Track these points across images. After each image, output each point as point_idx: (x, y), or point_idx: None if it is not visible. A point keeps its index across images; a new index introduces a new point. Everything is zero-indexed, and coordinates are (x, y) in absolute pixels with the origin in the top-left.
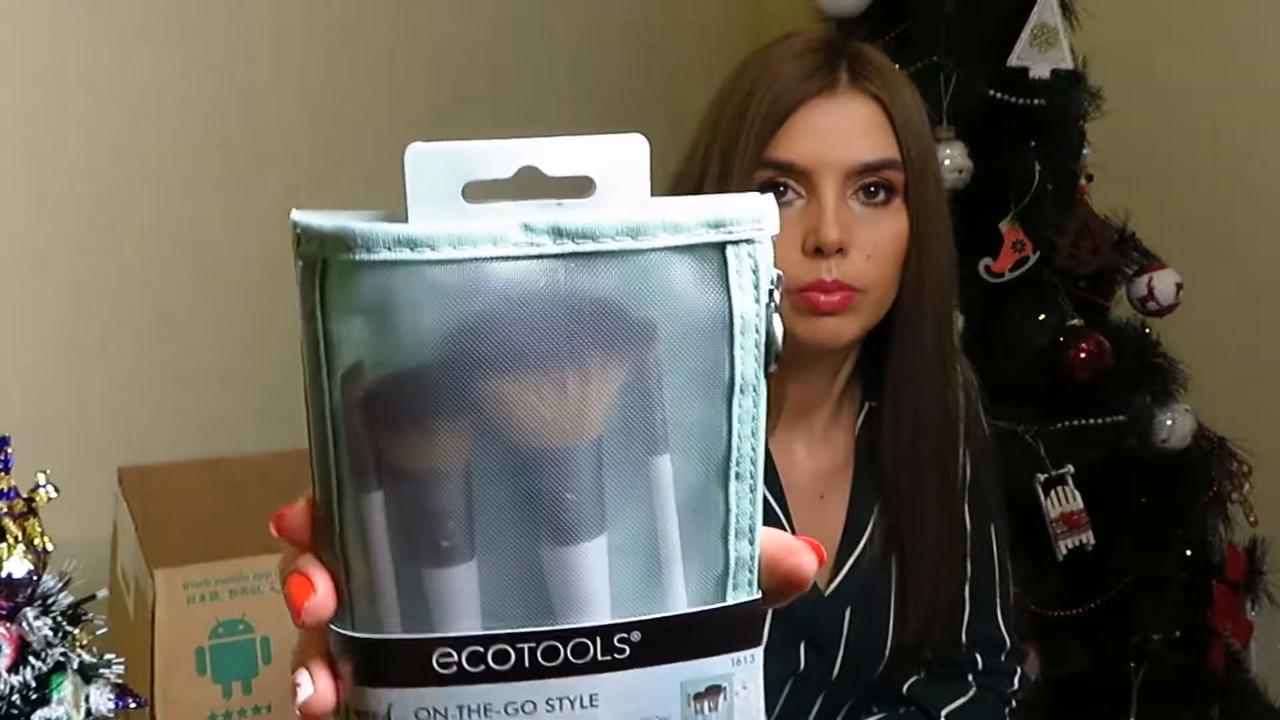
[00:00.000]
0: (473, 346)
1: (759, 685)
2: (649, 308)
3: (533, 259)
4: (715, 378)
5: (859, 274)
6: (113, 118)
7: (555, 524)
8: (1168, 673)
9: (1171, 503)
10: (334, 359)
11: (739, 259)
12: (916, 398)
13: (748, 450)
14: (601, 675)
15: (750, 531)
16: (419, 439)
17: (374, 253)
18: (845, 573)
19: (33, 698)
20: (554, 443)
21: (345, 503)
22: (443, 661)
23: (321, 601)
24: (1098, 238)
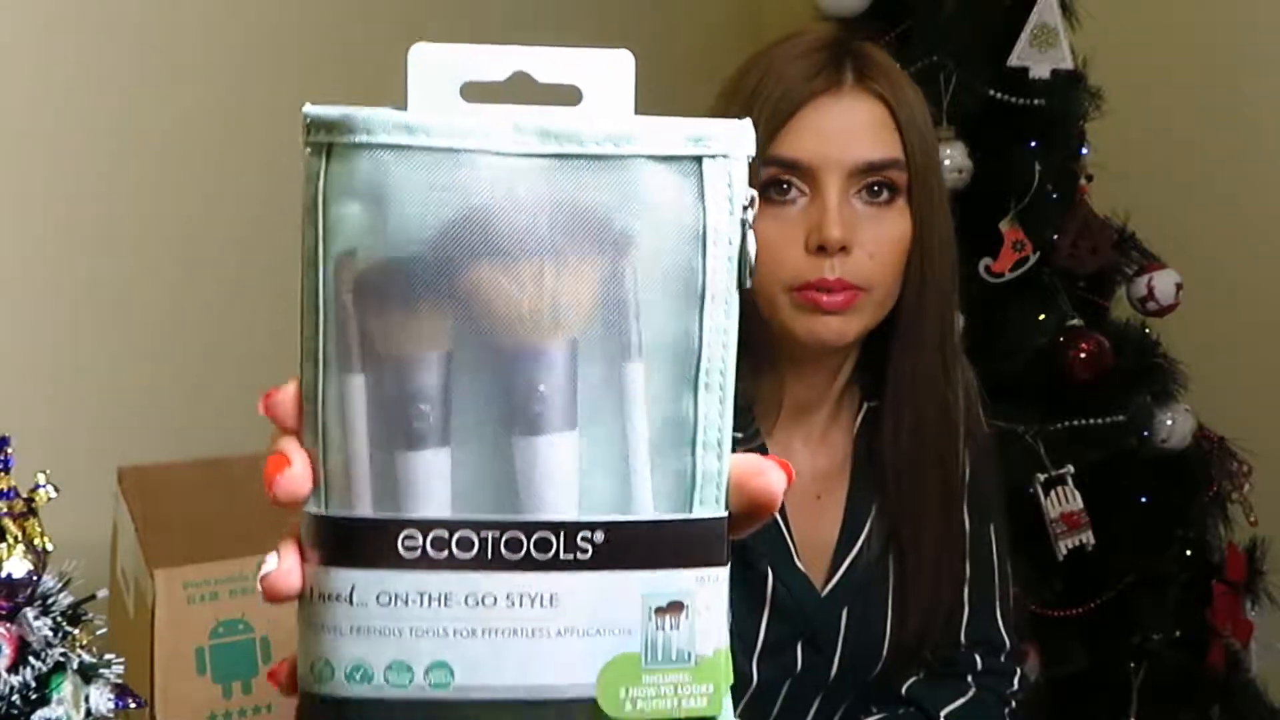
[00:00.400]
0: (458, 236)
1: (723, 610)
2: (627, 212)
3: (520, 156)
4: (688, 286)
5: (862, 273)
6: (113, 118)
7: (527, 415)
8: (1168, 673)
9: (1171, 503)
10: (330, 244)
11: (715, 173)
12: (917, 399)
13: (718, 361)
14: (563, 574)
15: (719, 446)
16: (403, 323)
17: (374, 135)
18: (842, 573)
19: (33, 698)
20: (530, 336)
21: (328, 384)
22: (408, 544)
23: (296, 476)
24: (1098, 238)
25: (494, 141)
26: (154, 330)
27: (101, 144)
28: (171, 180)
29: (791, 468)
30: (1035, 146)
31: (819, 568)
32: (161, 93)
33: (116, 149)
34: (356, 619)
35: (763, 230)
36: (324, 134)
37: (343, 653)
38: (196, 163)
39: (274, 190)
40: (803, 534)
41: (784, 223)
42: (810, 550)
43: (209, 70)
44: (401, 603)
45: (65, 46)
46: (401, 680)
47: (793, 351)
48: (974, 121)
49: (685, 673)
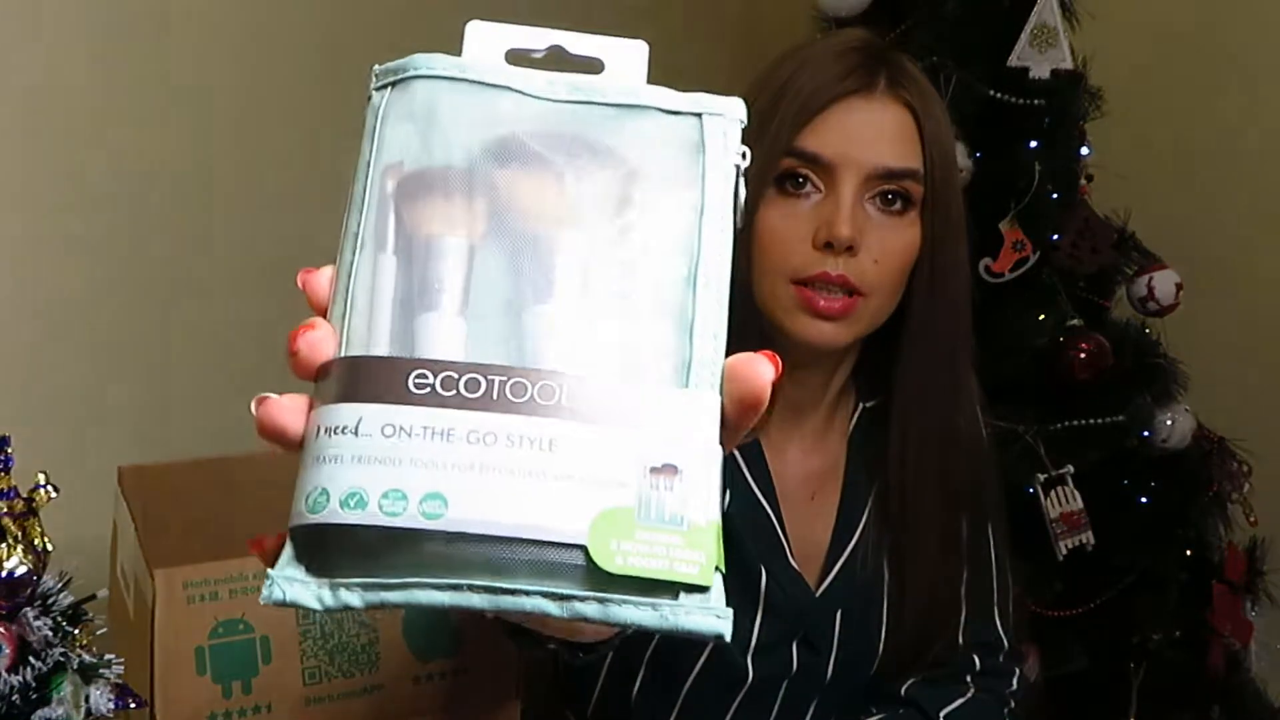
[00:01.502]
0: (493, 150)
1: (715, 488)
2: (640, 146)
3: (551, 101)
4: (690, 203)
5: (864, 276)
6: (113, 118)
7: (539, 285)
8: (1168, 673)
9: (1171, 503)
10: (381, 155)
11: (713, 126)
12: (925, 414)
13: (714, 267)
14: (565, 421)
15: (714, 338)
16: (433, 213)
17: (433, 69)
18: (836, 573)
19: (33, 698)
20: (548, 227)
21: (362, 261)
22: (418, 382)
23: (320, 338)
24: (1098, 238)
25: (532, 86)
26: (154, 330)
27: (102, 145)
28: (172, 181)
29: (780, 362)
30: (1035, 146)
31: (813, 567)
32: (162, 94)
33: (117, 150)
34: (360, 449)
35: (772, 220)
36: (391, 75)
37: (340, 479)
38: (197, 164)
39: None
40: (797, 533)
41: (795, 215)
42: (804, 550)
43: (209, 71)
44: (405, 435)
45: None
46: (395, 509)
47: (787, 351)
48: (974, 121)
49: (677, 535)
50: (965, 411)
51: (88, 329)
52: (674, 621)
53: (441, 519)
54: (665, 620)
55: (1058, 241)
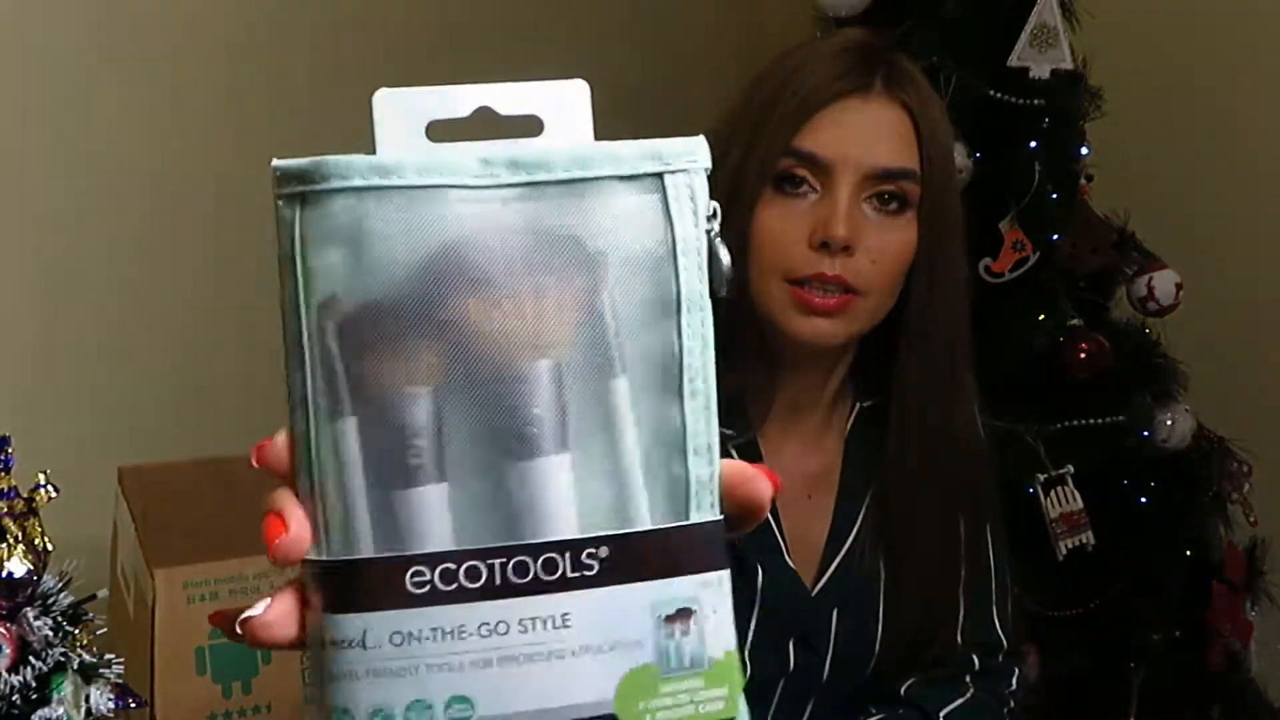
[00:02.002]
0: (438, 271)
1: (728, 611)
2: (599, 233)
3: (491, 188)
4: (664, 298)
5: (860, 275)
6: (114, 119)
7: (520, 440)
8: (1168, 673)
9: (1171, 503)
10: (311, 292)
11: (677, 187)
12: (922, 413)
13: (699, 368)
14: (572, 593)
15: (708, 451)
16: (390, 363)
17: (348, 179)
18: (832, 572)
19: (33, 698)
20: (516, 362)
21: (321, 431)
22: (416, 581)
23: (294, 539)
24: (1098, 238)
25: (465, 176)
26: (154, 330)
27: (104, 145)
28: (172, 182)
29: (778, 477)
30: (1035, 146)
31: (809, 566)
32: (163, 96)
33: (119, 150)
34: (372, 662)
35: (769, 220)
36: (296, 184)
37: (361, 698)
38: (199, 164)
39: None
40: (793, 532)
41: (791, 215)
42: (801, 549)
43: (210, 73)
44: (415, 641)
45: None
46: (423, 719)
47: (785, 352)
48: (974, 121)
49: (700, 678)
50: (963, 411)
51: (88, 329)
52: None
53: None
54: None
55: (1058, 241)
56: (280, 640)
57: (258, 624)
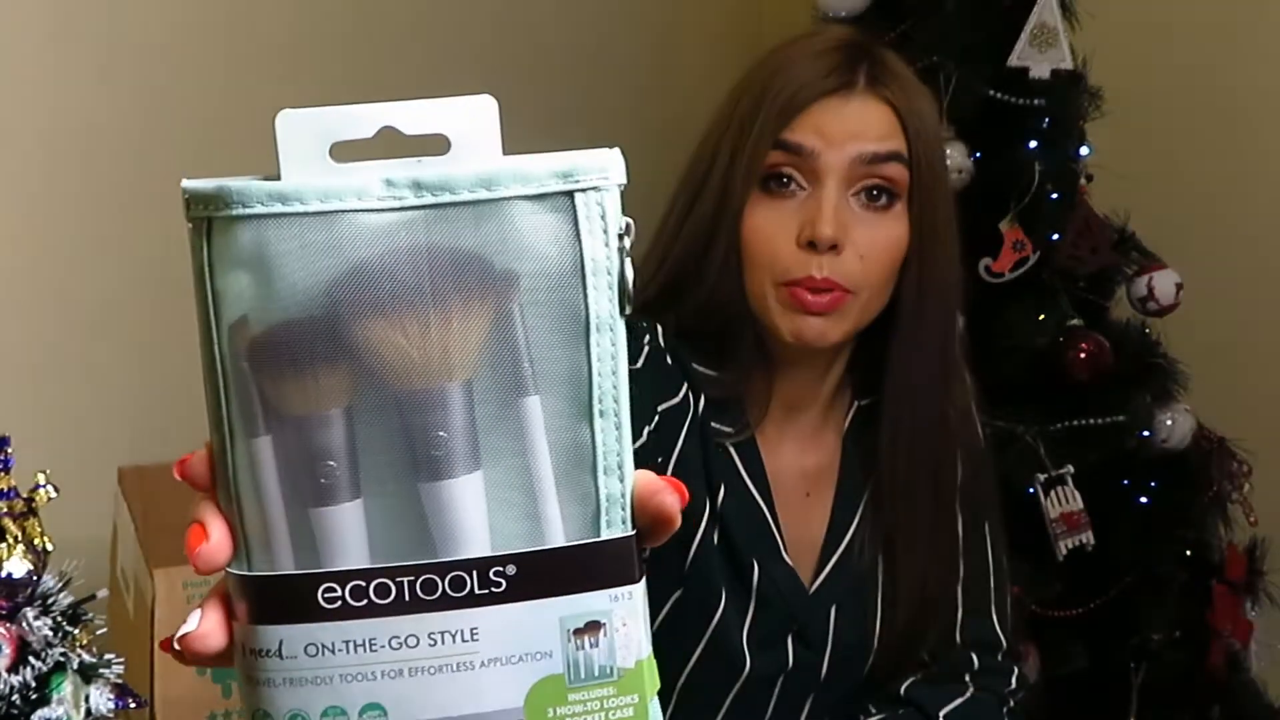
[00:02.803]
0: (344, 294)
1: (640, 623)
2: (506, 254)
3: (395, 211)
4: (573, 319)
5: (850, 274)
6: (114, 119)
7: (430, 460)
8: (1168, 673)
9: (1171, 503)
10: (221, 313)
11: (587, 205)
12: (914, 408)
13: (609, 388)
14: (480, 609)
15: (619, 469)
16: (300, 384)
17: (249, 207)
18: (830, 570)
19: (33, 698)
20: (424, 383)
21: (237, 448)
22: (327, 596)
23: (214, 548)
24: (1098, 238)
25: (368, 200)
26: (154, 330)
27: (104, 145)
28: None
29: (685, 490)
30: (1035, 146)
31: (807, 564)
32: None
33: (118, 150)
34: (288, 671)
35: (758, 221)
36: (202, 208)
37: (279, 703)
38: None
39: None
40: (791, 530)
41: (779, 215)
42: (799, 546)
43: (213, 74)
44: (329, 652)
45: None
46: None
47: (781, 350)
48: (974, 121)
49: (609, 686)
50: (957, 403)
51: (88, 329)
52: None
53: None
54: None
55: (1058, 241)
56: (212, 650)
57: (192, 638)
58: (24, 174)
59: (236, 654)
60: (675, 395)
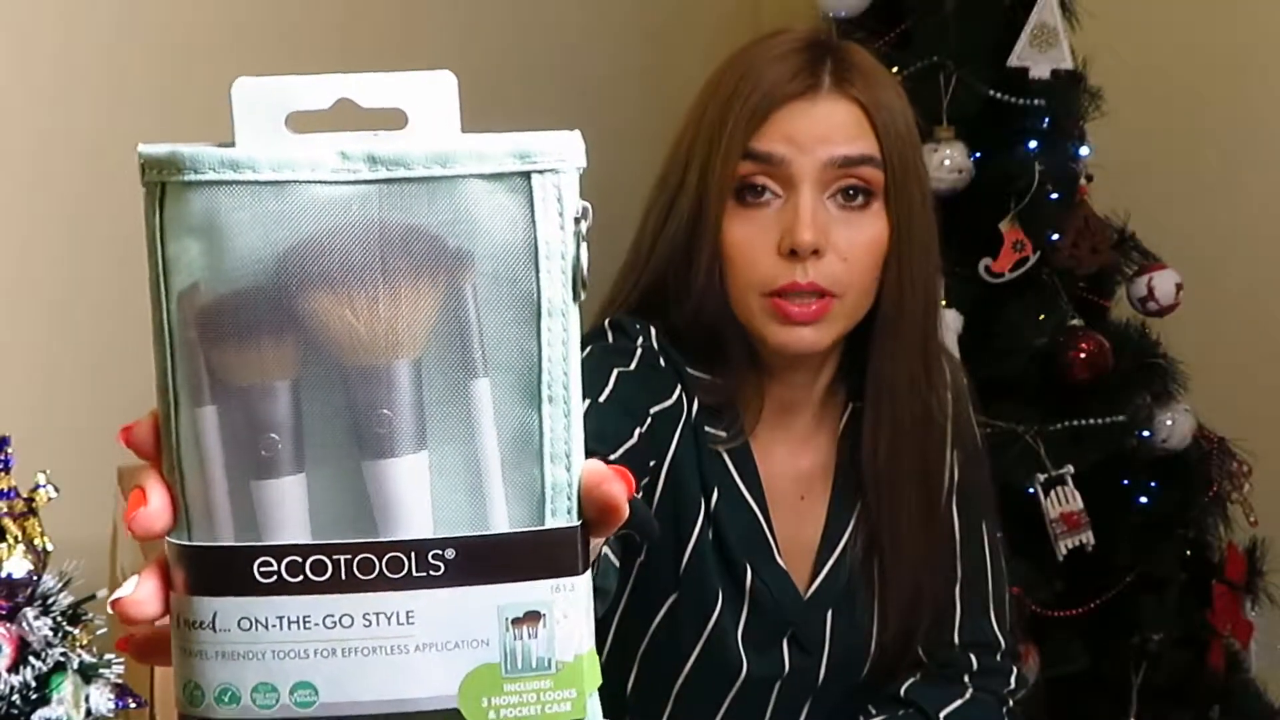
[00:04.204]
0: (294, 266)
1: (583, 616)
2: (459, 233)
3: (348, 184)
4: (525, 301)
5: (834, 276)
6: (115, 119)
7: (374, 438)
8: (1168, 673)
9: (1171, 503)
10: (171, 280)
11: (544, 188)
12: (897, 403)
13: (559, 374)
14: (418, 591)
15: (566, 457)
16: (246, 355)
17: (201, 174)
18: (825, 575)
19: (33, 698)
20: (371, 360)
21: (181, 416)
22: (263, 570)
23: (153, 513)
24: (1098, 238)
25: (321, 171)
26: None
27: (104, 144)
28: None
29: (632, 478)
30: (1035, 146)
31: (803, 568)
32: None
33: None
34: (220, 644)
35: (736, 233)
36: (156, 173)
37: (210, 676)
38: None
39: None
40: (786, 534)
41: (757, 226)
42: (794, 550)
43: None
44: (262, 627)
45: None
46: (268, 701)
47: (771, 355)
48: (974, 121)
49: (547, 679)
50: (940, 394)
51: (88, 329)
52: None
53: (314, 706)
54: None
55: (1058, 241)
56: (147, 616)
57: (126, 603)
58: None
59: (172, 624)
60: (669, 398)
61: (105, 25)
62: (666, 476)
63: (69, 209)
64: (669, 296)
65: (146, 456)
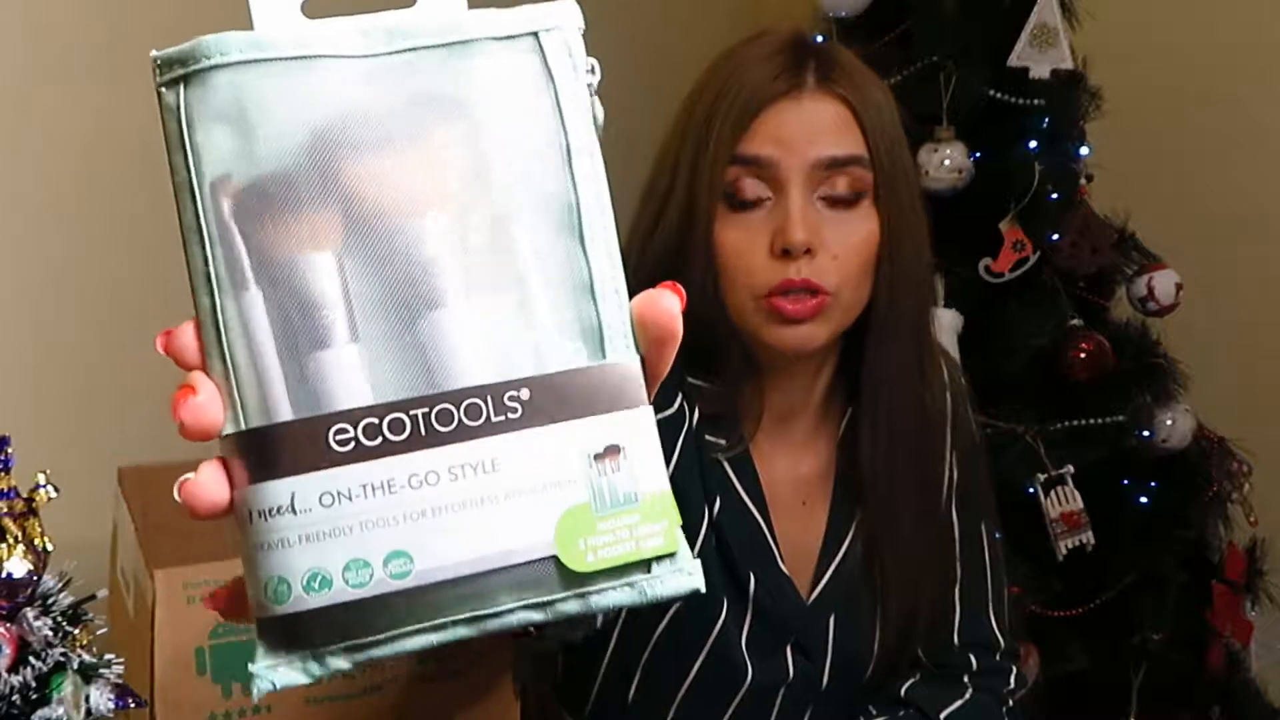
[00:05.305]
0: (325, 138)
1: (656, 450)
2: (481, 92)
3: (371, 57)
4: (555, 147)
5: (827, 275)
6: (116, 118)
7: (426, 292)
8: (1168, 673)
9: (1171, 503)
10: (203, 169)
11: (554, 44)
12: (892, 402)
13: (597, 214)
14: (499, 437)
15: (617, 294)
16: (288, 230)
17: (226, 55)
18: (827, 580)
19: (33, 698)
20: (411, 218)
21: (226, 306)
22: (339, 439)
23: (204, 403)
24: (1098, 238)
25: (344, 46)
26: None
27: (104, 144)
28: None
29: (681, 289)
30: (1035, 146)
31: (804, 574)
32: None
33: (119, 149)
34: (304, 527)
35: (728, 237)
36: (177, 68)
37: (296, 564)
38: None
39: None
40: (788, 540)
41: (749, 229)
42: (795, 555)
43: None
44: (346, 499)
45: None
46: (361, 578)
47: (768, 358)
48: (974, 121)
49: (635, 513)
50: (934, 391)
51: (88, 329)
52: (652, 593)
53: (410, 575)
54: (644, 594)
55: (1058, 241)
56: (215, 501)
57: (192, 484)
58: (23, 174)
59: (241, 525)
60: (670, 406)
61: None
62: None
63: (69, 210)
64: None
65: (189, 361)
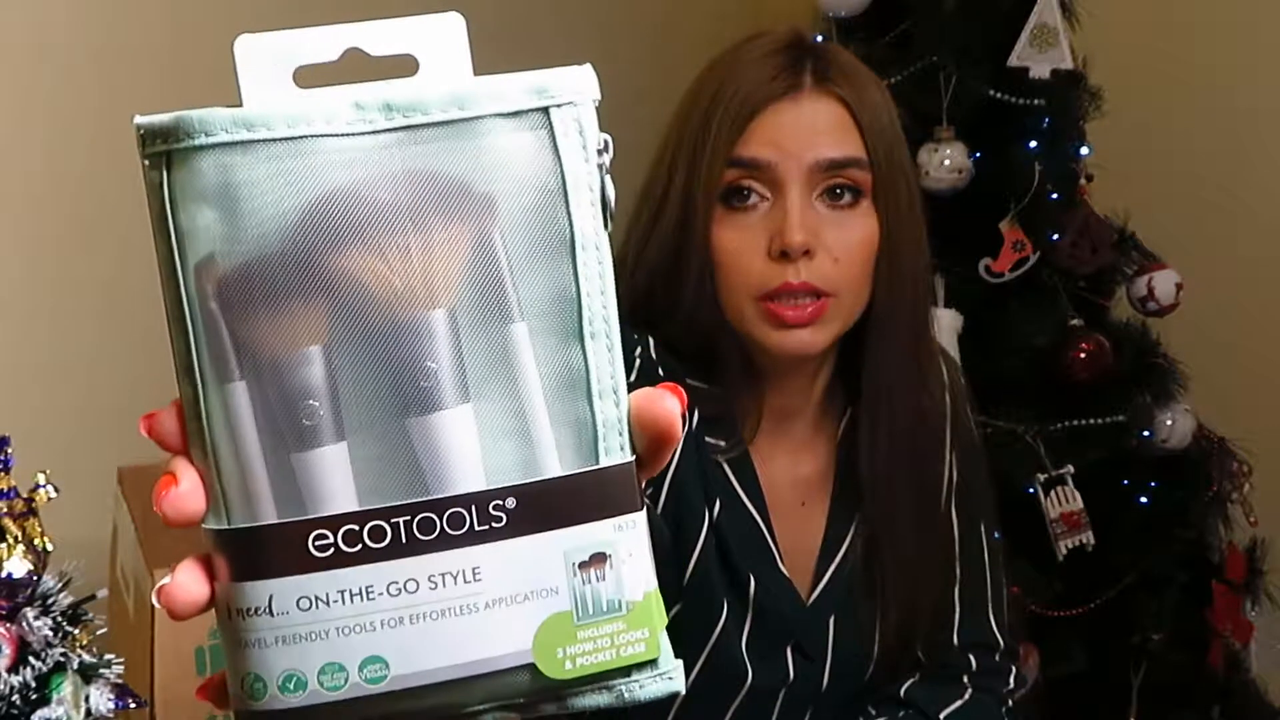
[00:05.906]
0: (316, 225)
1: (646, 553)
2: (484, 175)
3: (366, 134)
4: (558, 238)
5: (826, 277)
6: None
7: (417, 393)
8: (1168, 673)
9: (1171, 503)
10: (186, 253)
11: (564, 121)
12: (892, 403)
13: (599, 308)
14: (482, 546)
15: (615, 393)
16: (275, 323)
17: (212, 135)
18: (826, 581)
19: (33, 698)
20: (408, 313)
21: (209, 396)
22: (319, 544)
23: (185, 494)
24: (1098, 238)
25: (337, 124)
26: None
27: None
28: None
29: (682, 391)
30: (1035, 146)
31: (804, 575)
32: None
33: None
34: (280, 628)
35: (725, 239)
36: (160, 143)
37: (272, 665)
38: None
39: None
40: (787, 540)
41: (746, 229)
42: (795, 557)
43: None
44: (323, 604)
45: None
46: (336, 682)
47: (766, 361)
48: (974, 121)
49: (619, 621)
50: (934, 393)
51: (88, 329)
52: (631, 697)
53: (385, 680)
54: (623, 698)
55: (1058, 241)
56: (194, 601)
57: (170, 588)
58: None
59: (221, 619)
60: None
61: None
62: (669, 489)
63: (70, 211)
64: (657, 307)
65: (172, 446)
